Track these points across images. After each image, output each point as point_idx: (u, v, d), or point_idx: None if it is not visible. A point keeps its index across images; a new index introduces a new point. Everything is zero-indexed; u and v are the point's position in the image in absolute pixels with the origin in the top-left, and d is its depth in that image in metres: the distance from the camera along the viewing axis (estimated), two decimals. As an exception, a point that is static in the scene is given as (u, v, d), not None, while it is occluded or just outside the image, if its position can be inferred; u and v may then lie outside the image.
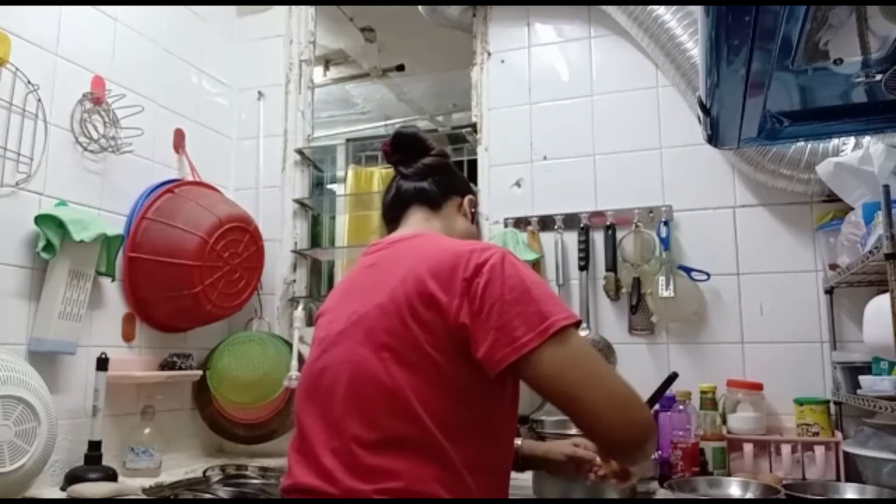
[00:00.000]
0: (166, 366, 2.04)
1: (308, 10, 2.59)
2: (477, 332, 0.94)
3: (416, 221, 1.19)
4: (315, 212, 2.61)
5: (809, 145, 1.81)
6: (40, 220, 1.67)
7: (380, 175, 2.91)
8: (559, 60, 2.26)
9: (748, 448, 1.77)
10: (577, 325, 0.96)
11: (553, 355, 0.93)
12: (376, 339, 0.98)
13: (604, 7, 2.15)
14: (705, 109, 1.26)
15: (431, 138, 1.27)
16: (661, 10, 1.97)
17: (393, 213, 1.23)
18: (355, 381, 0.98)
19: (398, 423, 0.94)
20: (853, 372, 1.66)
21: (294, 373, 2.07)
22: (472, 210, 1.25)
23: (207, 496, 1.87)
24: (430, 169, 1.22)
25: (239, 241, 2.10)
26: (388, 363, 0.96)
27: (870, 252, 1.36)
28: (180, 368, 2.04)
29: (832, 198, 1.81)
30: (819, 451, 1.71)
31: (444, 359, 0.95)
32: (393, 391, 0.95)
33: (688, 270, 2.00)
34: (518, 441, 1.31)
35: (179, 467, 2.02)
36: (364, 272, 1.10)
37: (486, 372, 0.95)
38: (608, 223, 2.09)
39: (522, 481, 1.67)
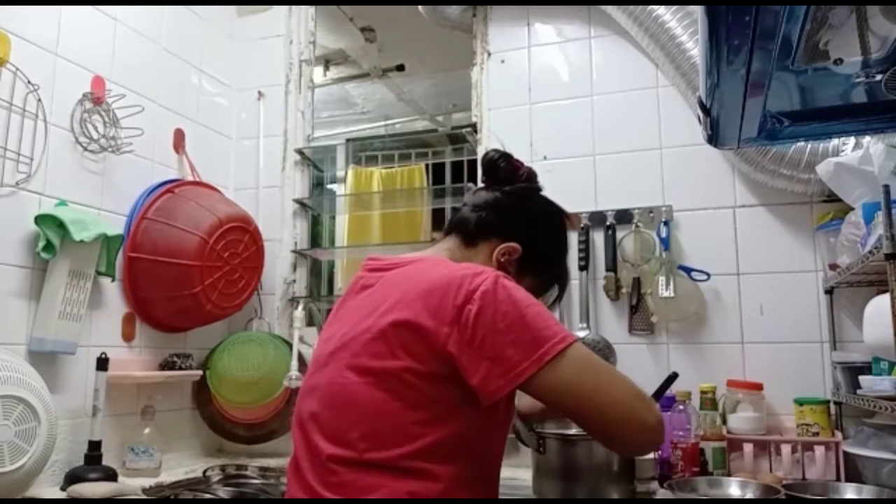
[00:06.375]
0: (166, 366, 2.04)
1: (308, 10, 2.59)
2: (469, 362, 0.93)
3: (438, 251, 1.16)
4: (315, 212, 2.61)
5: (809, 145, 1.81)
6: (40, 220, 1.67)
7: (379, 175, 2.91)
8: (559, 60, 2.26)
9: (748, 448, 1.77)
10: (575, 342, 0.95)
11: (550, 380, 0.93)
12: (362, 364, 0.97)
13: (604, 7, 2.15)
14: (705, 109, 1.26)
15: (525, 167, 1.22)
16: (661, 10, 1.97)
17: (444, 232, 1.20)
18: (336, 405, 0.98)
19: (375, 448, 0.93)
20: (853, 372, 1.66)
21: (294, 373, 2.07)
22: (504, 258, 1.13)
23: (207, 496, 1.88)
24: (490, 203, 1.17)
25: (239, 241, 2.10)
26: (372, 388, 0.95)
27: (870, 252, 1.36)
28: (180, 368, 2.05)
29: (832, 198, 1.81)
30: (819, 451, 1.71)
31: (430, 386, 0.94)
32: (373, 417, 0.94)
33: (688, 270, 2.00)
34: None
35: (179, 467, 2.02)
36: (361, 294, 1.08)
37: (480, 400, 0.94)
38: (608, 223, 2.10)
39: (522, 481, 1.67)
